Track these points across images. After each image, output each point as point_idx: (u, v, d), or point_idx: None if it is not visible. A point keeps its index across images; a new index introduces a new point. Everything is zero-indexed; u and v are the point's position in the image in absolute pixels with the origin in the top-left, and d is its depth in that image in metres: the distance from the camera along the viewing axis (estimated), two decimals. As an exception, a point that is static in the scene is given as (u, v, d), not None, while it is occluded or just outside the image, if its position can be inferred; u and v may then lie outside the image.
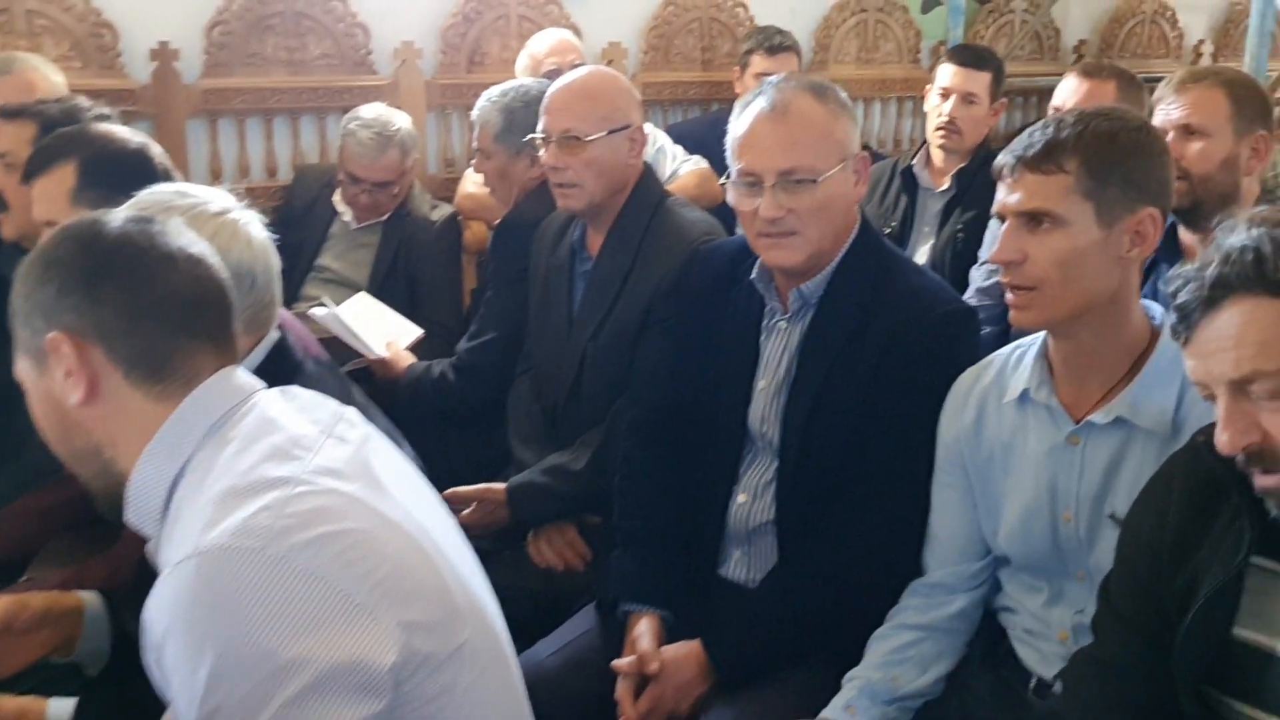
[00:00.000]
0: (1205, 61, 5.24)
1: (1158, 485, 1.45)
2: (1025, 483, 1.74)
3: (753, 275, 2.01)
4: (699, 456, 2.08)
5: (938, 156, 3.45)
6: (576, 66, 3.55)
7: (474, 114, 2.90)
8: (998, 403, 1.78)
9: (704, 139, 3.62)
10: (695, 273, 2.14)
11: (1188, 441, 1.43)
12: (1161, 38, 5.19)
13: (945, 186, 3.41)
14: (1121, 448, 1.64)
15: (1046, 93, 4.87)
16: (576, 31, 3.92)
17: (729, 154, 1.94)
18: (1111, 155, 1.60)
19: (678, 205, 2.41)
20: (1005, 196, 1.65)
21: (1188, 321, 1.27)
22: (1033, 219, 1.62)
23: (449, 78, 3.90)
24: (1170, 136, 2.38)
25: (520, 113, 2.77)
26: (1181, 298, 1.27)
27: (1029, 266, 1.62)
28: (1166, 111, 2.39)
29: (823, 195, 1.87)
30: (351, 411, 1.41)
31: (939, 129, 3.39)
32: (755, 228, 1.92)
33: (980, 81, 3.37)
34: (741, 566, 2.04)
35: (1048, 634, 1.75)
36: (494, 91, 2.87)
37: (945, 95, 3.40)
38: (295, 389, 1.39)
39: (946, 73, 3.42)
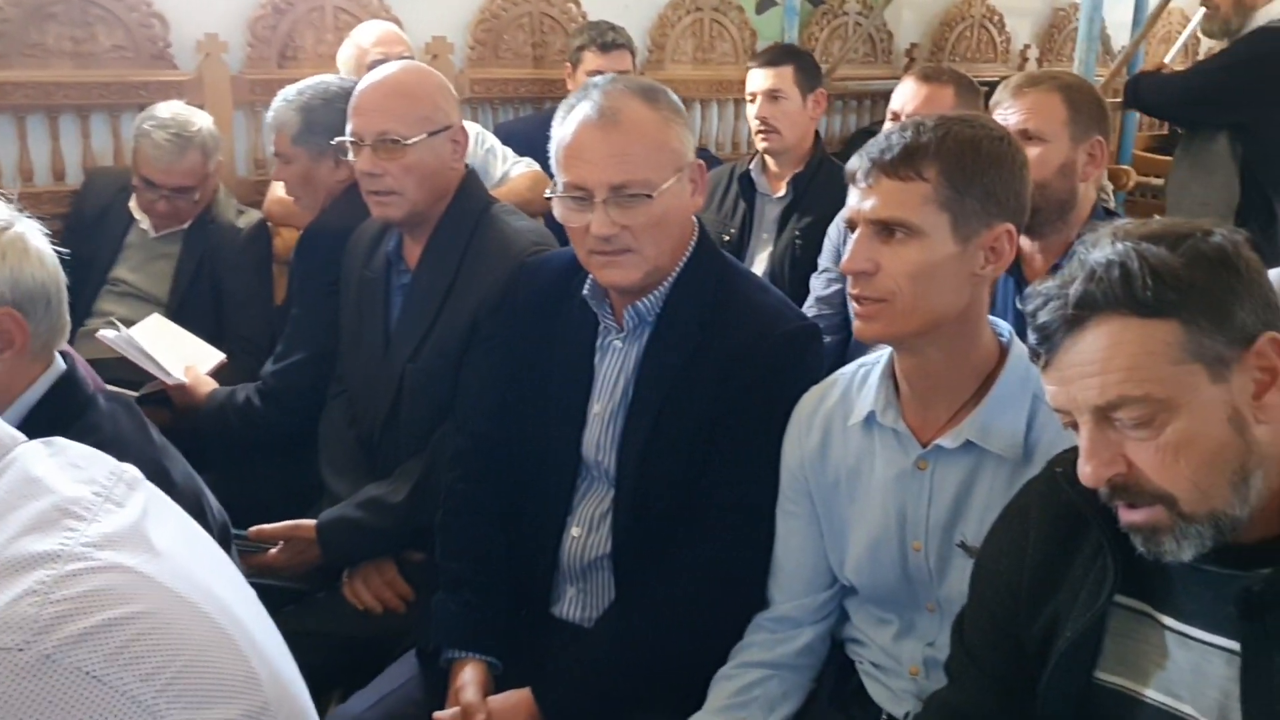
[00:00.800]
0: (1031, 66, 5.34)
1: (1013, 518, 1.35)
2: (873, 510, 1.64)
3: (584, 291, 1.86)
4: (529, 488, 1.92)
5: (772, 162, 3.38)
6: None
7: (268, 116, 2.67)
8: (843, 425, 1.67)
9: (535, 139, 3.40)
10: (523, 288, 1.98)
11: (1043, 470, 1.34)
12: (989, 42, 5.26)
13: (782, 193, 3.33)
14: (971, 473, 1.55)
15: (880, 95, 4.93)
16: (398, 25, 3.69)
17: (553, 164, 1.78)
18: (973, 165, 1.50)
19: (504, 213, 2.23)
20: (859, 202, 1.53)
21: (1049, 343, 1.17)
22: (886, 228, 1.50)
23: (258, 73, 3.61)
24: (1008, 143, 2.33)
25: (320, 111, 2.56)
26: (1042, 317, 1.17)
27: (880, 278, 1.51)
28: (1004, 116, 2.34)
29: (659, 209, 1.73)
30: (130, 470, 1.18)
31: (757, 132, 3.34)
32: (587, 245, 1.76)
33: (783, 77, 3.30)
34: (576, 605, 1.89)
35: (898, 669, 1.65)
36: (290, 90, 2.64)
37: (754, 99, 3.34)
38: (61, 441, 1.15)
39: (751, 77, 3.38)
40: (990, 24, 5.24)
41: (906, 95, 2.84)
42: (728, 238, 3.37)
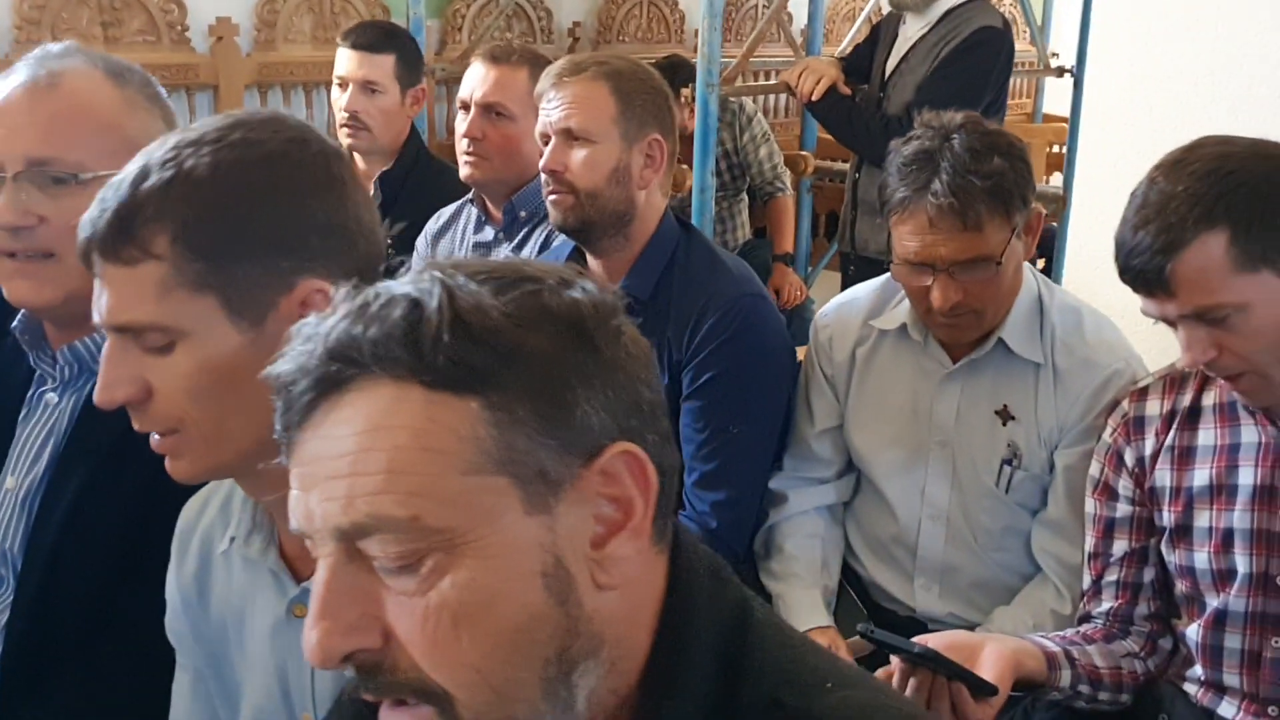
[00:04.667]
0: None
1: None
2: (255, 670, 1.19)
3: (15, 324, 1.40)
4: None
5: (360, 159, 2.89)
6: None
7: None
8: (225, 548, 1.21)
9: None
10: None
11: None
12: (661, 20, 4.92)
13: (371, 194, 2.84)
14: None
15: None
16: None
17: None
18: (232, 212, 1.01)
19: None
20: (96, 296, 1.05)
21: (289, 416, 0.74)
22: (139, 335, 1.02)
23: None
24: (552, 143, 1.93)
25: None
26: (285, 371, 0.74)
27: (159, 402, 1.03)
28: (547, 113, 1.94)
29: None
30: None
31: (342, 125, 2.82)
32: None
33: (381, 67, 2.79)
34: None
35: None
36: None
37: (343, 85, 2.82)
38: None
39: (341, 58, 2.83)
40: (661, 2, 4.90)
41: (474, 81, 2.41)
42: (311, 249, 2.88)
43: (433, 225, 2.63)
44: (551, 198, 1.94)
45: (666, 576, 0.77)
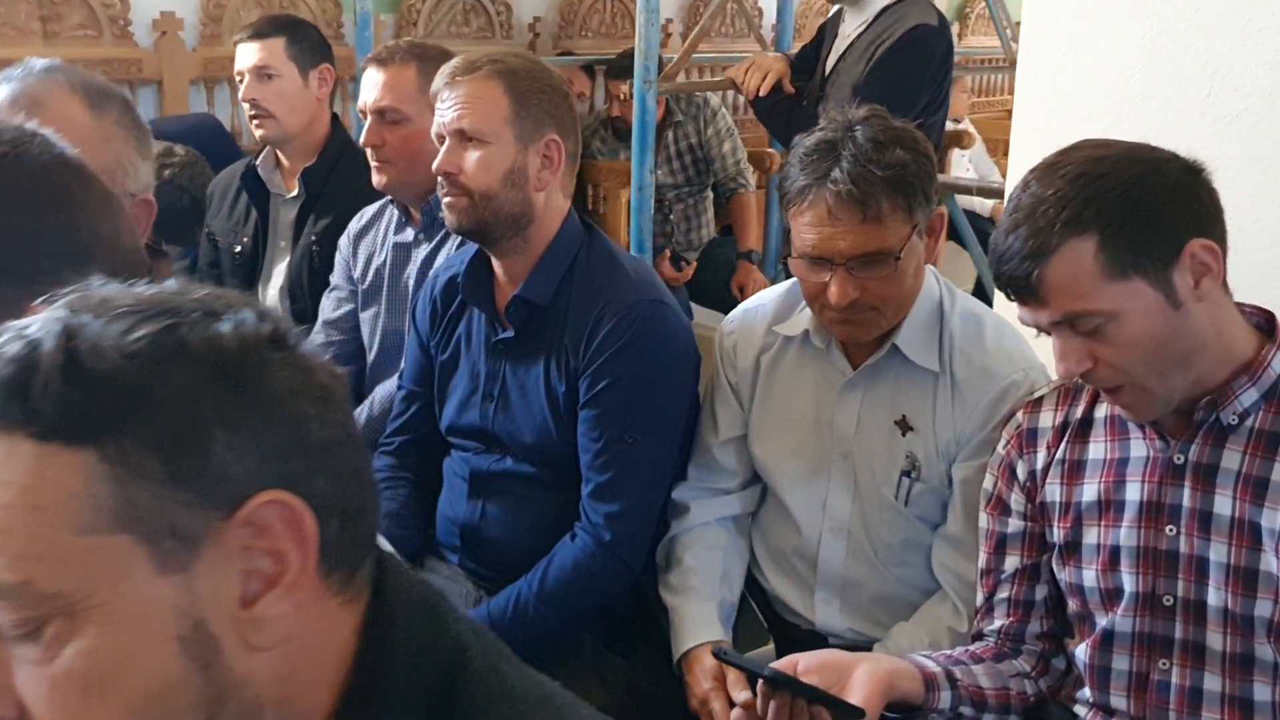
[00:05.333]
0: (675, 43, 4.97)
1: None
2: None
3: None
4: None
5: (282, 155, 2.84)
6: None
7: None
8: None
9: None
10: None
11: None
12: (625, 14, 4.86)
13: (295, 191, 2.80)
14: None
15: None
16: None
17: None
18: None
19: None
20: None
21: None
22: None
23: None
24: (446, 145, 1.88)
25: None
26: None
27: None
28: (441, 113, 1.89)
29: None
30: None
31: (251, 117, 2.78)
32: None
33: (270, 51, 2.73)
34: None
35: None
36: None
37: (241, 78, 2.78)
38: None
39: (238, 53, 2.79)
40: (626, -4, 4.85)
41: (365, 88, 2.36)
42: (239, 248, 2.84)
43: (355, 225, 2.58)
44: (446, 200, 1.89)
45: (361, 626, 0.72)
